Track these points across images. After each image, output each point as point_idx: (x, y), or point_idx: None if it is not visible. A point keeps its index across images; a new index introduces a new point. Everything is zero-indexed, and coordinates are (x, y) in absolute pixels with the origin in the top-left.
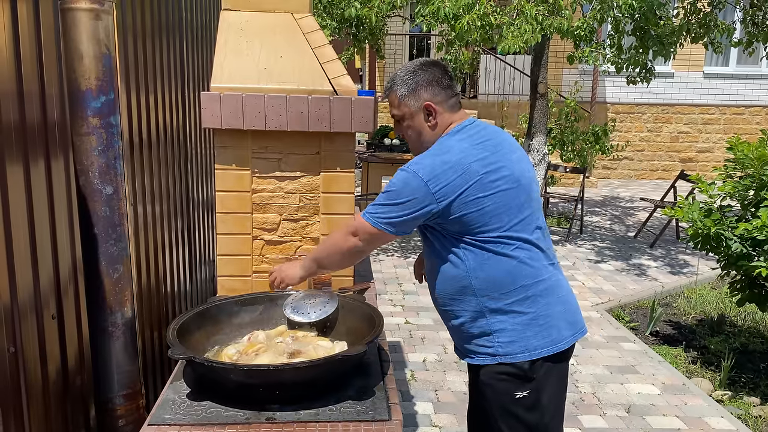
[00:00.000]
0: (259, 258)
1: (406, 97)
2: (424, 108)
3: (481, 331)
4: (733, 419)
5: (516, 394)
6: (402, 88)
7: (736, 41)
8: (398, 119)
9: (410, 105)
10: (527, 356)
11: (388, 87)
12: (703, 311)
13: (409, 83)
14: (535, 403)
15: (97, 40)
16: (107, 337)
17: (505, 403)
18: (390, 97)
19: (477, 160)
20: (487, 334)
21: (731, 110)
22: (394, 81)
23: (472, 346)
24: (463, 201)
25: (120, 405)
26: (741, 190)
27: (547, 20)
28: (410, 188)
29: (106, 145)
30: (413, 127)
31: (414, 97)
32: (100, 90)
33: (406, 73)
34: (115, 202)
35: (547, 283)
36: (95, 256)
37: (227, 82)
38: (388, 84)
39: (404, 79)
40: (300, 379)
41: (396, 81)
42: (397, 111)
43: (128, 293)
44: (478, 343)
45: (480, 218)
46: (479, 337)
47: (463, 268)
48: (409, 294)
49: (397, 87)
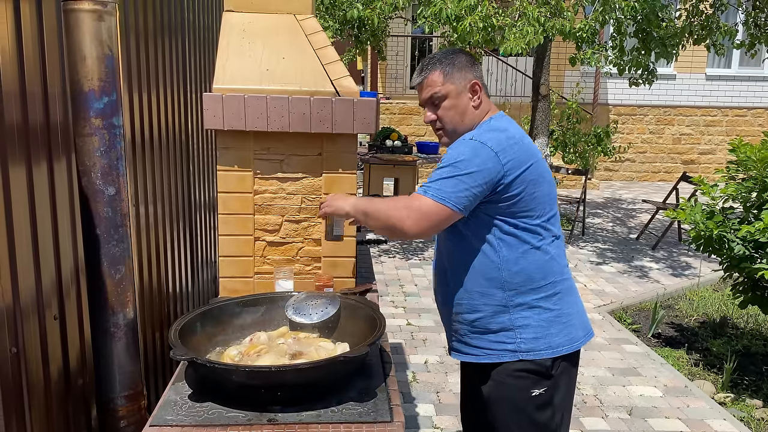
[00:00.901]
0: (261, 259)
1: (451, 75)
2: (471, 86)
3: (501, 327)
4: (736, 422)
5: (533, 392)
6: (446, 66)
7: (739, 43)
8: (439, 99)
9: (456, 83)
10: (550, 353)
11: (426, 67)
12: (705, 313)
13: (453, 61)
14: (548, 401)
15: (100, 41)
16: (109, 337)
17: (519, 400)
18: (431, 77)
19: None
20: (508, 330)
21: (733, 112)
22: (432, 61)
23: (486, 342)
24: (524, 179)
25: (122, 406)
26: (743, 192)
27: (549, 22)
28: (481, 158)
29: (109, 146)
30: (457, 107)
31: (460, 75)
32: (102, 91)
33: (444, 55)
34: (117, 203)
35: (570, 281)
36: (97, 257)
37: (229, 83)
38: (425, 64)
39: (444, 60)
40: (302, 380)
41: (435, 61)
42: (439, 89)
43: (130, 294)
44: (495, 339)
45: (530, 202)
46: (497, 333)
47: (496, 259)
48: (411, 296)
49: (440, 65)
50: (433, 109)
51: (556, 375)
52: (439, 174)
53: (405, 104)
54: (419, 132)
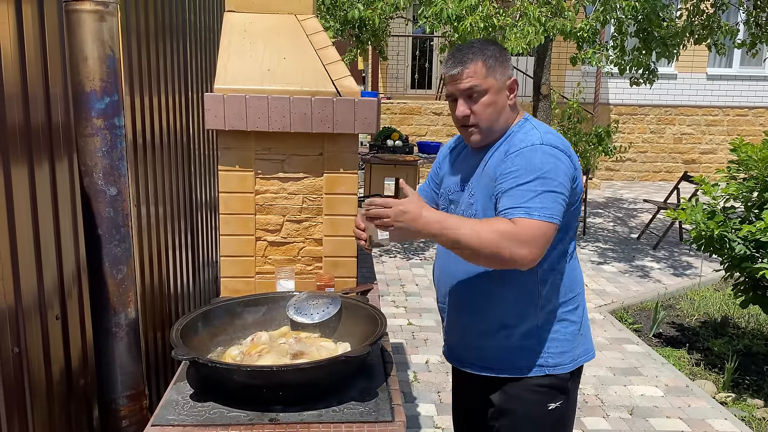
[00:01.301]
0: (263, 259)
1: (494, 69)
2: (510, 84)
3: (529, 342)
4: (737, 421)
5: (549, 406)
6: (490, 59)
7: (740, 42)
8: (479, 93)
9: (498, 78)
10: (572, 366)
11: (466, 55)
12: (706, 313)
13: (495, 54)
14: (563, 413)
15: (102, 42)
16: (111, 337)
17: (535, 415)
18: (473, 67)
19: None
20: (537, 345)
21: (734, 112)
22: (473, 51)
23: (510, 357)
24: (575, 189)
25: (123, 406)
26: (744, 192)
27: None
28: (565, 165)
29: (110, 146)
30: (496, 104)
31: (502, 70)
32: (104, 91)
33: (486, 45)
34: (119, 203)
35: (584, 291)
36: (99, 257)
37: (231, 83)
38: (464, 52)
39: (486, 51)
40: (303, 380)
41: (476, 51)
42: (481, 82)
43: (132, 294)
44: (520, 354)
45: (575, 211)
46: (524, 349)
47: (537, 271)
48: (412, 296)
49: (482, 56)
50: (469, 102)
51: (571, 387)
52: (529, 189)
53: (406, 104)
54: (420, 132)
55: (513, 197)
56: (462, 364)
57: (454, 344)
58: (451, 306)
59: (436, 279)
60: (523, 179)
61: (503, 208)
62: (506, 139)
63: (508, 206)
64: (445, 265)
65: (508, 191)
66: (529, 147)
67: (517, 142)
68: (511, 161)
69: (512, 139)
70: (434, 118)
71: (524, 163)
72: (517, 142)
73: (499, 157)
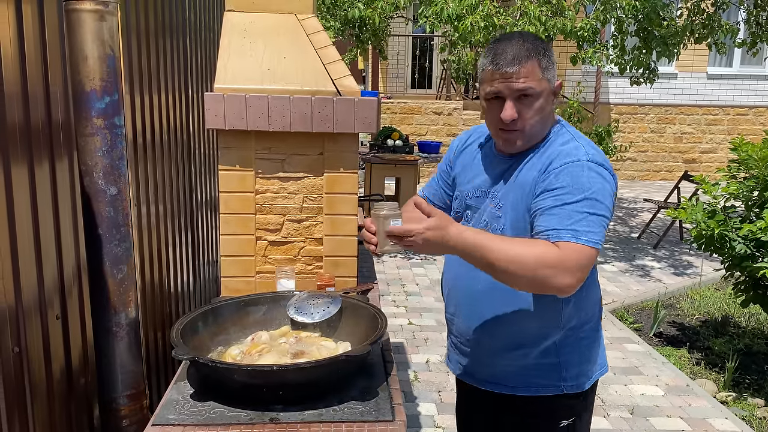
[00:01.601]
0: (263, 258)
1: (548, 71)
2: (557, 87)
3: (547, 361)
4: (738, 420)
5: (561, 423)
6: (544, 57)
7: (740, 42)
8: (533, 96)
9: (551, 80)
10: (588, 384)
11: (520, 52)
12: (707, 312)
13: (549, 53)
14: (575, 429)
15: (102, 41)
16: (111, 337)
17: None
18: (530, 65)
19: None
20: (555, 363)
21: (735, 111)
22: (527, 46)
23: (528, 375)
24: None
25: (124, 405)
26: (745, 191)
27: (551, 21)
28: (610, 185)
29: (111, 145)
30: (544, 110)
31: (553, 72)
32: (104, 91)
33: (539, 42)
34: (119, 203)
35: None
36: (99, 257)
37: (231, 83)
38: (517, 48)
39: (541, 48)
40: (303, 379)
41: (531, 48)
42: (536, 84)
43: (132, 294)
44: (538, 374)
45: None
46: (541, 368)
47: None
48: (413, 295)
49: (537, 54)
50: (518, 105)
51: (585, 403)
52: (576, 210)
53: (406, 103)
54: (420, 131)
55: (558, 217)
56: (473, 380)
57: (465, 360)
58: (463, 321)
59: (446, 292)
60: (570, 198)
61: (545, 229)
62: (542, 147)
63: (552, 227)
64: (457, 278)
65: (551, 209)
66: (574, 163)
67: (560, 155)
68: (555, 177)
69: (550, 148)
70: (434, 118)
71: (570, 181)
72: (559, 155)
73: (535, 168)
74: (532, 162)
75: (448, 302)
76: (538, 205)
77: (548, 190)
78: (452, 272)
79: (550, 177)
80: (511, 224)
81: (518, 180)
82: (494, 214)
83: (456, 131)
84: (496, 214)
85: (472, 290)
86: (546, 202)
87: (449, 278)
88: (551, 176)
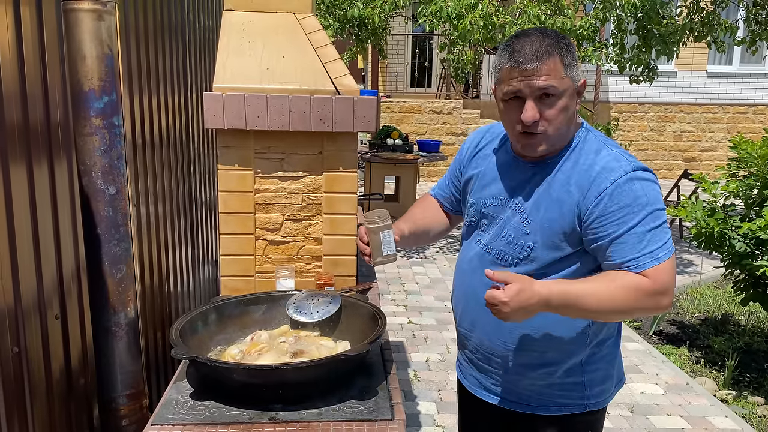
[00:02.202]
0: (262, 258)
1: (571, 67)
2: (581, 85)
3: (574, 381)
4: (737, 419)
5: None
6: (567, 54)
7: (740, 40)
8: (555, 95)
9: (574, 78)
10: (609, 400)
11: (542, 47)
12: (706, 310)
13: (571, 50)
14: None
15: (100, 41)
16: (111, 337)
17: None
18: (551, 62)
19: None
20: (579, 382)
21: (734, 109)
22: (548, 42)
23: (551, 394)
24: None
25: (123, 405)
26: (745, 189)
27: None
28: (658, 189)
29: (109, 145)
30: (569, 108)
31: (577, 69)
32: (102, 90)
33: (561, 37)
34: (118, 203)
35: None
36: (98, 257)
37: (230, 82)
38: (537, 43)
39: (563, 44)
40: (303, 378)
41: (551, 42)
42: (559, 83)
43: (131, 293)
44: (561, 393)
45: None
46: (565, 387)
47: None
48: (412, 294)
49: (558, 50)
50: (539, 105)
51: (603, 414)
52: (644, 231)
53: (406, 102)
54: (420, 130)
55: (629, 245)
56: (490, 395)
57: (483, 376)
58: (484, 337)
59: (461, 307)
60: (633, 220)
61: (623, 261)
62: (569, 153)
63: (628, 257)
64: (473, 294)
65: (620, 238)
66: (623, 177)
67: (603, 170)
68: (610, 199)
69: (582, 157)
70: (434, 117)
71: (628, 200)
72: (601, 170)
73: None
74: (563, 172)
75: (463, 318)
76: (600, 234)
77: (605, 215)
78: (464, 287)
79: (603, 200)
80: (543, 243)
81: (552, 195)
82: (521, 229)
83: (456, 130)
84: (523, 230)
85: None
86: (609, 229)
87: (462, 294)
88: (604, 199)
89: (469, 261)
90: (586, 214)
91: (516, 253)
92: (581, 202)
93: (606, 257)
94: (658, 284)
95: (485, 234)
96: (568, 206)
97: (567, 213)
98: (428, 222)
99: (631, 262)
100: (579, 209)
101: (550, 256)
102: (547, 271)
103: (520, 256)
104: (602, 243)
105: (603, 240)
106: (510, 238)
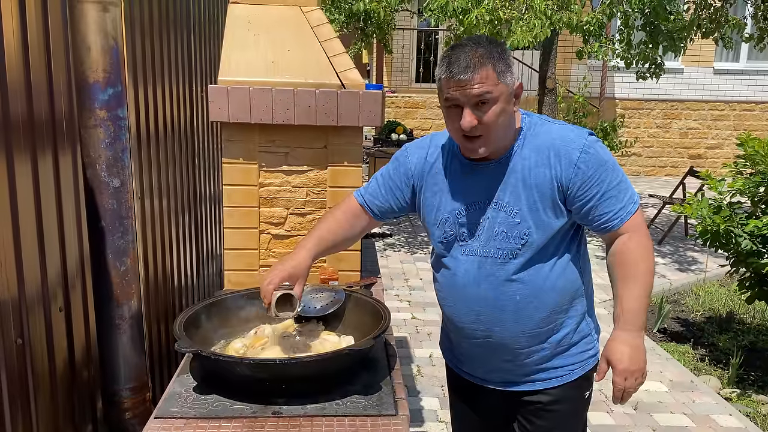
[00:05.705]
0: (266, 252)
1: (504, 74)
2: (517, 89)
3: (581, 336)
4: (742, 417)
5: (586, 393)
6: (500, 61)
7: (747, 36)
8: (490, 101)
9: (508, 83)
10: (599, 344)
11: (474, 59)
12: (711, 308)
13: (504, 56)
14: (590, 396)
15: (105, 33)
16: (114, 330)
17: (576, 408)
18: (482, 72)
19: None
20: (587, 336)
21: (741, 106)
22: (480, 53)
23: (569, 358)
24: None
25: (127, 398)
26: (751, 187)
27: (557, 15)
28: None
29: (114, 137)
30: (506, 112)
31: (511, 74)
32: (107, 82)
33: (494, 46)
34: (122, 195)
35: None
36: (102, 249)
37: (235, 75)
38: (470, 54)
39: (495, 53)
40: (306, 373)
41: (485, 53)
42: (493, 89)
43: (135, 286)
44: (576, 351)
45: None
46: (578, 344)
47: (579, 267)
48: (416, 290)
49: (490, 59)
50: (477, 111)
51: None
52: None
53: (411, 98)
54: (425, 125)
55: (615, 198)
56: (497, 383)
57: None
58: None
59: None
60: (609, 177)
61: (612, 213)
62: (526, 139)
63: (616, 208)
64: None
65: (605, 194)
66: (586, 144)
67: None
68: (586, 166)
69: (539, 138)
70: (439, 112)
71: (598, 162)
72: (563, 144)
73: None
74: (524, 157)
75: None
76: (588, 196)
77: (586, 179)
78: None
79: (580, 168)
80: (535, 224)
81: (526, 180)
82: (511, 221)
83: None
84: (513, 221)
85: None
86: (593, 190)
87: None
88: (581, 167)
89: (464, 273)
90: (568, 183)
91: (513, 245)
92: (559, 174)
93: (594, 215)
94: (643, 233)
95: (473, 241)
96: (547, 182)
97: (547, 189)
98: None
99: (620, 212)
100: (559, 181)
101: (543, 237)
102: (542, 254)
103: (518, 246)
104: (592, 203)
105: (592, 201)
106: (504, 234)
